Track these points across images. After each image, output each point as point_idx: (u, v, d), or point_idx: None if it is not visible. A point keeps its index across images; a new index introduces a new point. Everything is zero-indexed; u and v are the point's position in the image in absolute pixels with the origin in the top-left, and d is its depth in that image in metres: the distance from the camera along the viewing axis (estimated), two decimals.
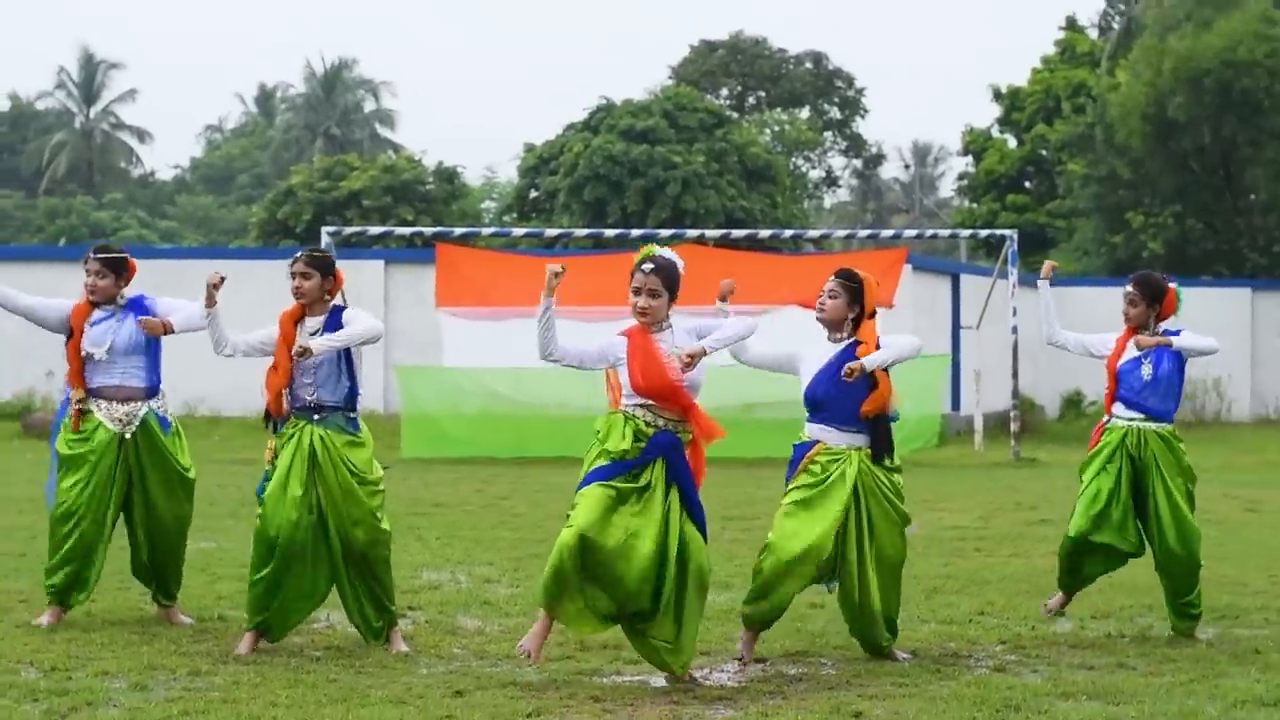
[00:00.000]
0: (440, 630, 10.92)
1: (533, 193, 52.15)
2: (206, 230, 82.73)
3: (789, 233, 35.17)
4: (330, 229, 30.05)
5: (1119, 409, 11.13)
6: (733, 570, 13.41)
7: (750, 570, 10.17)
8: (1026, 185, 57.82)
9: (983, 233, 35.22)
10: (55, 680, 9.16)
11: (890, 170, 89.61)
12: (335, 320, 10.31)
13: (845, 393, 9.95)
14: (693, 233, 33.19)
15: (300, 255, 10.46)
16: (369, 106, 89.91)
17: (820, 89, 69.89)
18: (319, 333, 10.26)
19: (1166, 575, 11.08)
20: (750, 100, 69.05)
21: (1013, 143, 58.49)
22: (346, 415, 10.30)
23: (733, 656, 10.05)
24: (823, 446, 10.01)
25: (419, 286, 33.06)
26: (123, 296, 11.22)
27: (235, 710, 8.49)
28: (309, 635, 10.66)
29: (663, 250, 9.52)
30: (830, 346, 10.13)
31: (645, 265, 9.42)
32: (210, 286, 10.23)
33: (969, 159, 60.92)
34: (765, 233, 33.68)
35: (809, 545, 9.85)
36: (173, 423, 11.29)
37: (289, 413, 10.26)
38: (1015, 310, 28.97)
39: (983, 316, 30.49)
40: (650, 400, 9.30)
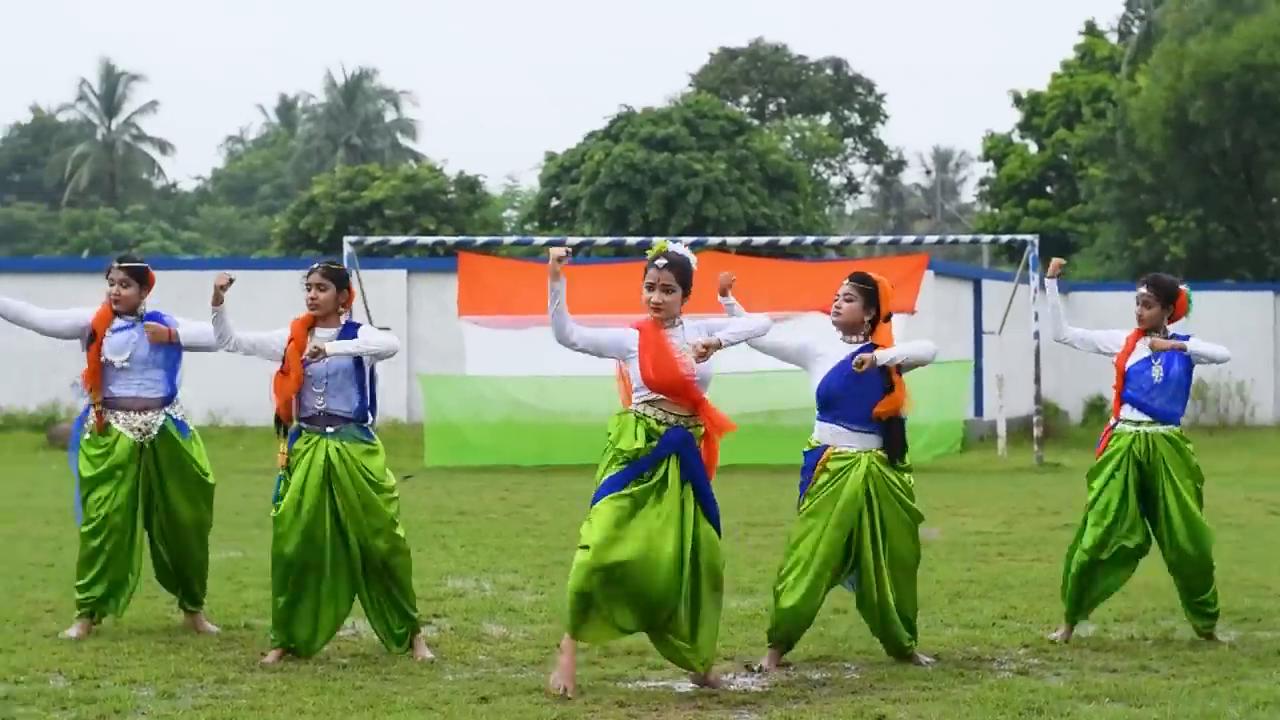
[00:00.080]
0: (465, 637, 10.96)
1: (554, 201, 52.13)
2: (229, 241, 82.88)
3: (810, 239, 35.18)
4: (352, 239, 30.11)
5: (1127, 411, 11.13)
6: (756, 576, 13.45)
7: (771, 575, 10.21)
8: (1048, 190, 57.80)
9: (1004, 238, 35.24)
10: (83, 689, 9.22)
11: (911, 176, 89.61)
12: (349, 335, 10.34)
13: (858, 392, 9.95)
14: (714, 240, 33.20)
15: (316, 267, 10.46)
16: (390, 116, 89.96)
17: (841, 95, 69.89)
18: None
19: (1180, 575, 11.10)
20: (771, 107, 69.05)
21: (1034, 148, 58.47)
22: (360, 425, 10.34)
23: (745, 663, 10.08)
24: (832, 451, 10.00)
25: (441, 295, 33.16)
26: (144, 307, 11.29)
27: (262, 717, 8.55)
28: (335, 643, 10.70)
29: (675, 246, 9.54)
30: (845, 347, 10.11)
31: (659, 261, 9.41)
32: (218, 287, 10.19)
33: (990, 164, 60.90)
34: (786, 239, 33.73)
35: (820, 552, 9.90)
36: (191, 427, 11.35)
37: (299, 423, 10.31)
38: (1037, 315, 28.95)
39: (1005, 322, 30.48)
40: (661, 394, 9.31)
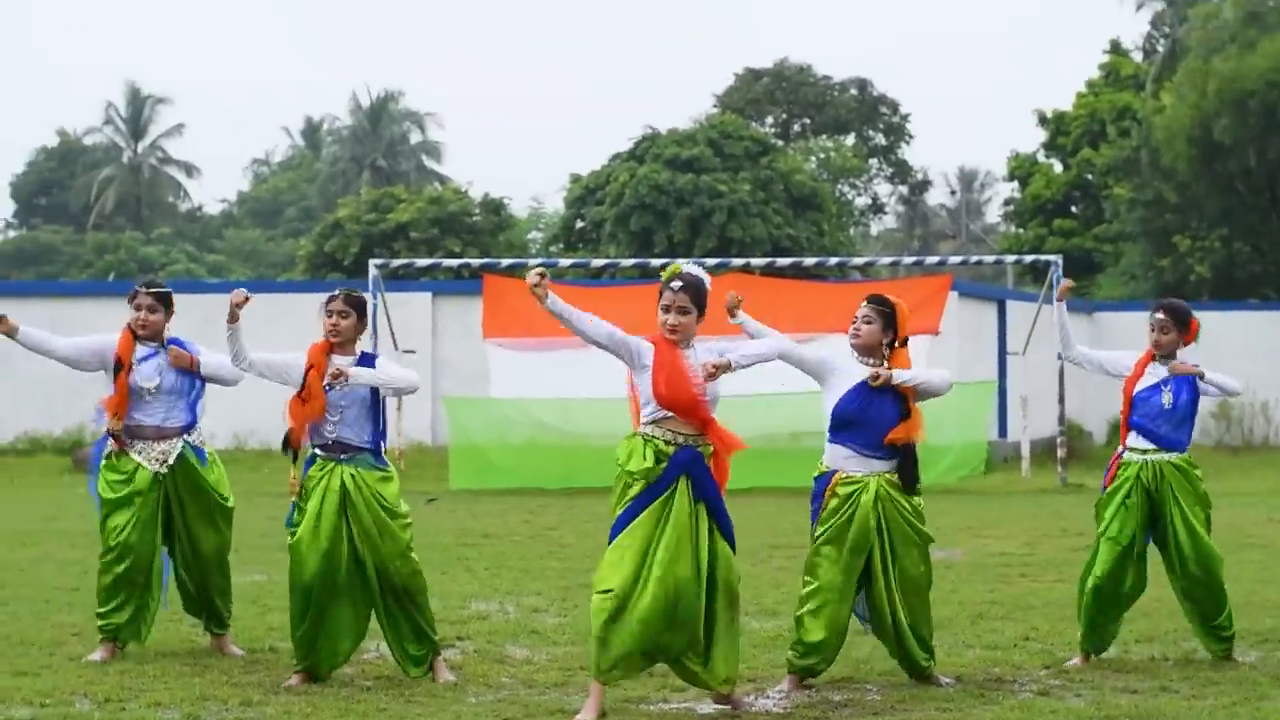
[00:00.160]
0: (489, 659, 10.99)
1: (579, 223, 52.23)
2: (254, 264, 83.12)
3: (834, 260, 35.26)
4: (378, 261, 30.20)
5: (1133, 439, 11.10)
6: (780, 598, 13.47)
7: (794, 598, 10.23)
8: (1073, 210, 57.79)
9: (1027, 258, 35.20)
10: (109, 711, 9.27)
11: (936, 196, 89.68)
12: (367, 364, 10.39)
13: (874, 416, 9.95)
14: (738, 261, 33.26)
15: (338, 294, 10.49)
16: (415, 139, 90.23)
17: (865, 115, 69.95)
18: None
19: (1192, 601, 11.08)
20: (795, 128, 69.12)
21: (1058, 167, 58.50)
22: (374, 453, 10.40)
23: (756, 688, 10.11)
24: (841, 476, 10.01)
25: (466, 318, 33.24)
26: (167, 332, 11.36)
27: None
28: (359, 665, 10.75)
29: (690, 267, 9.55)
30: (863, 369, 10.10)
31: (674, 283, 9.42)
32: (234, 305, 10.24)
33: (1015, 184, 60.94)
34: (810, 260, 33.75)
35: (840, 580, 9.94)
36: (209, 454, 11.40)
37: (314, 450, 10.36)
38: None
39: (1029, 342, 30.46)
40: (670, 411, 9.32)
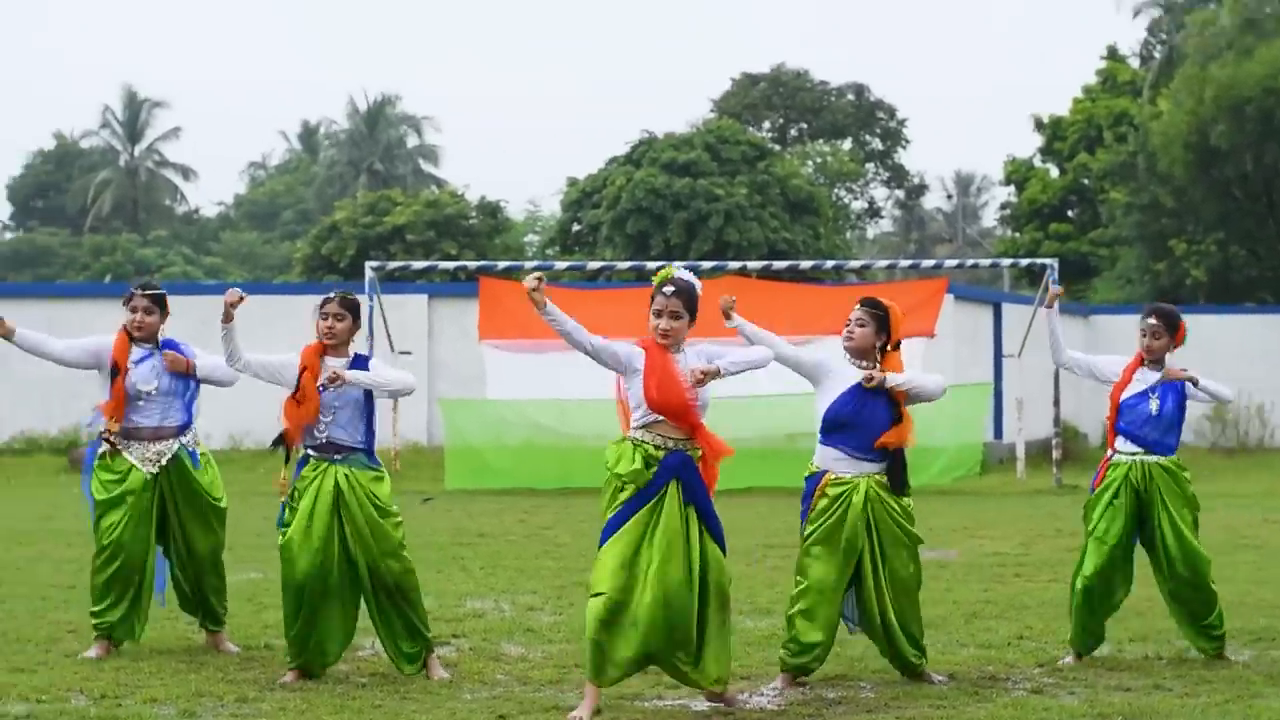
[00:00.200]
0: (484, 657, 11.02)
1: (575, 226, 52.25)
2: (251, 266, 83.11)
3: (830, 264, 35.26)
4: (374, 264, 30.27)
5: (1121, 444, 11.18)
6: (774, 597, 13.50)
7: (787, 599, 10.26)
8: (1069, 214, 57.82)
9: (1023, 261, 35.30)
10: (105, 708, 9.30)
11: (933, 200, 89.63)
12: (360, 366, 10.42)
13: (867, 419, 9.98)
14: (734, 265, 33.30)
15: (334, 297, 10.50)
16: (412, 142, 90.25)
17: (862, 120, 69.95)
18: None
19: (1179, 602, 11.10)
20: (792, 132, 69.13)
21: (1055, 172, 58.53)
22: (366, 453, 10.43)
23: (751, 686, 10.14)
24: (830, 477, 10.04)
25: (462, 320, 33.26)
26: (162, 333, 11.38)
27: None
28: (354, 662, 10.78)
29: (681, 272, 9.57)
30: (857, 371, 10.12)
31: (666, 288, 9.44)
32: (228, 304, 10.26)
33: (1011, 188, 60.96)
34: (806, 264, 33.77)
35: (831, 580, 9.98)
36: (202, 456, 11.44)
37: (306, 451, 10.39)
38: None
39: (1024, 345, 30.48)
40: (660, 415, 9.35)
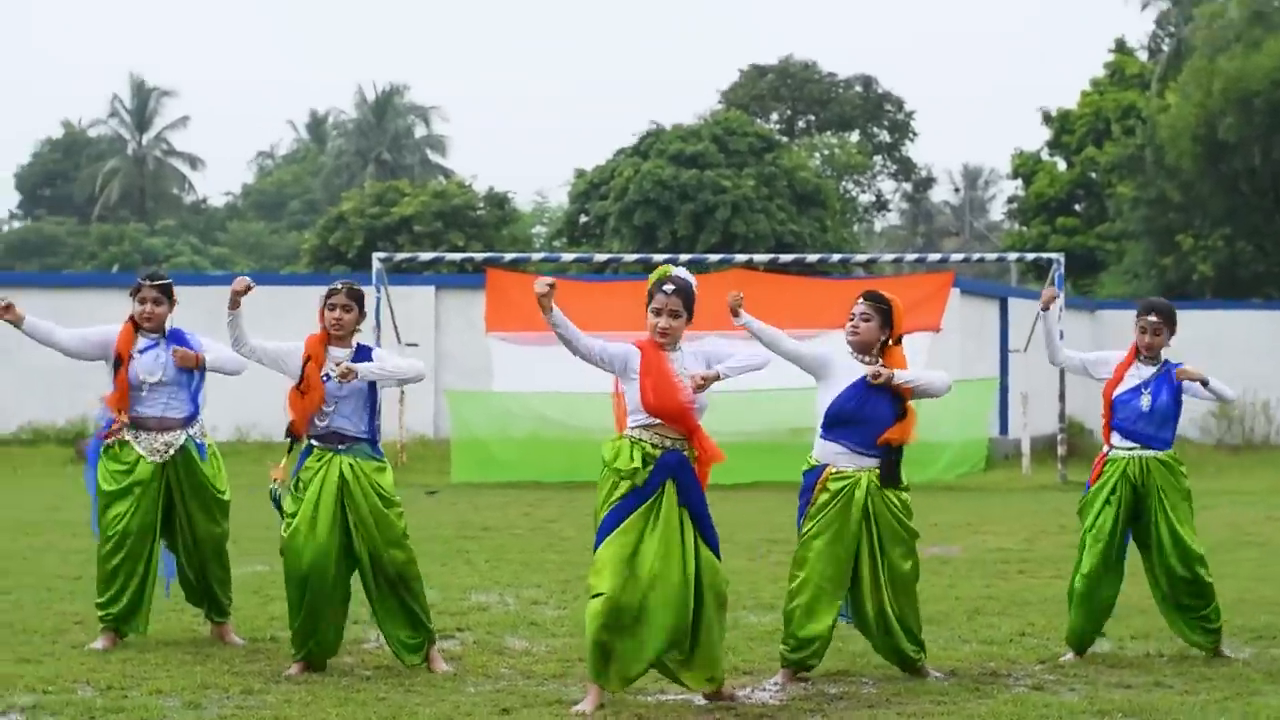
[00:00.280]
0: (488, 650, 11.07)
1: (583, 218, 52.22)
2: (258, 256, 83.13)
3: (836, 256, 35.30)
4: (381, 255, 30.30)
5: (1117, 439, 11.21)
6: (777, 592, 13.50)
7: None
8: (1076, 208, 57.75)
9: (1029, 256, 35.25)
10: (111, 699, 9.36)
11: (940, 194, 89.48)
12: (364, 357, 10.47)
13: (870, 415, 10.01)
14: (741, 257, 33.32)
15: (340, 288, 10.52)
16: (420, 132, 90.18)
17: (870, 113, 69.85)
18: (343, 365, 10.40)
19: (1173, 598, 11.11)
20: (800, 124, 69.04)
21: (1062, 165, 58.46)
22: (370, 443, 10.48)
23: (753, 680, 10.18)
24: (831, 471, 10.08)
25: (469, 311, 33.28)
26: (169, 323, 11.42)
27: None
28: (359, 655, 10.84)
29: (679, 270, 9.61)
30: (861, 366, 10.15)
31: (666, 287, 9.48)
32: (235, 293, 10.26)
33: (1019, 182, 60.91)
34: (813, 257, 33.81)
35: (831, 574, 10.02)
36: (209, 448, 11.49)
37: (310, 441, 10.43)
38: (1062, 334, 28.93)
39: (1030, 340, 30.50)
40: (658, 419, 9.41)
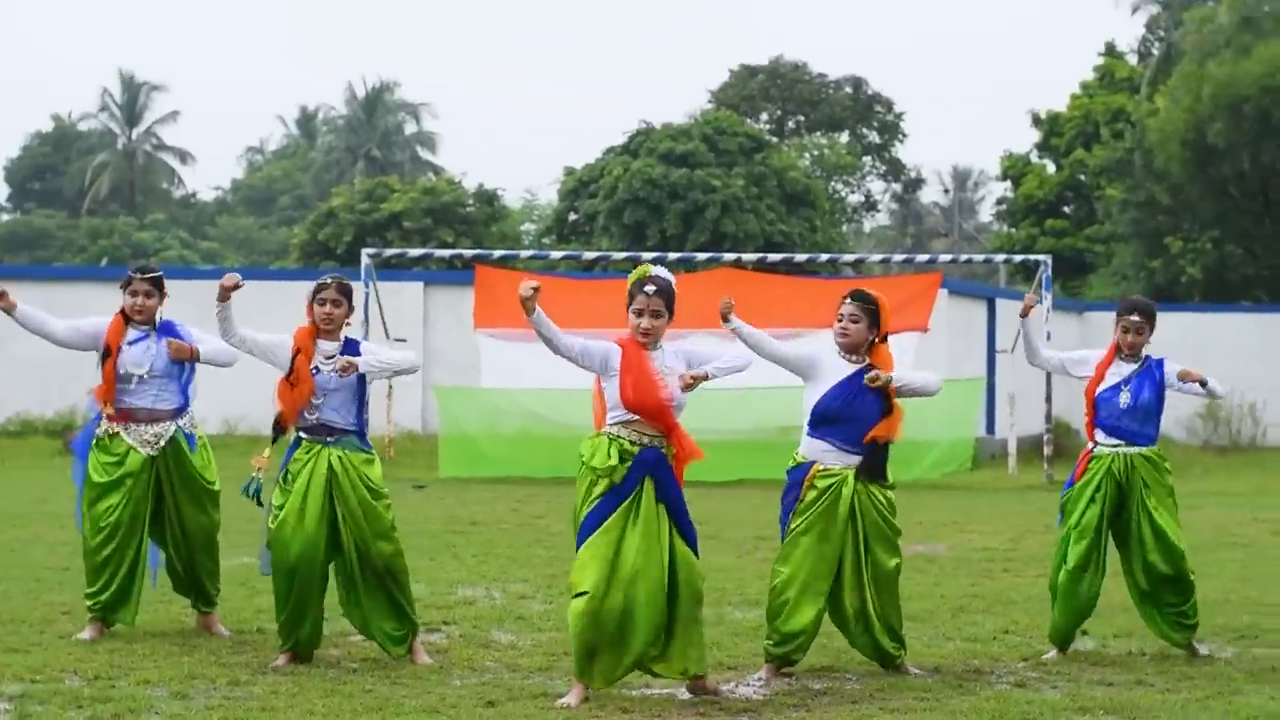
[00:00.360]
0: (474, 644, 11.11)
1: (572, 215, 52.25)
2: (248, 251, 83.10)
3: (825, 256, 35.35)
4: (370, 251, 30.30)
5: (1101, 436, 11.25)
6: (763, 588, 13.48)
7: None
8: (1065, 210, 57.78)
9: (1017, 257, 35.35)
10: (98, 688, 9.39)
11: (930, 195, 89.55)
12: (352, 350, 10.51)
13: (857, 413, 10.05)
14: (730, 256, 33.35)
15: (330, 283, 10.55)
16: (410, 129, 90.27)
17: (860, 114, 69.90)
18: (334, 358, 10.45)
19: (1152, 594, 11.13)
20: (790, 124, 69.09)
21: (1051, 168, 58.50)
22: (359, 436, 10.53)
23: (737, 675, 10.22)
24: (818, 468, 10.12)
25: (458, 308, 33.28)
26: (160, 316, 11.45)
27: (274, 719, 8.73)
28: (346, 647, 10.88)
29: (658, 270, 9.66)
30: (847, 366, 10.18)
31: (648, 287, 9.53)
32: (224, 288, 10.24)
33: (1008, 184, 60.94)
34: (802, 256, 33.88)
35: (817, 570, 10.07)
36: (198, 439, 11.53)
37: (299, 433, 10.48)
38: (1049, 335, 29.05)
39: (1017, 340, 30.45)
40: (636, 415, 9.45)
